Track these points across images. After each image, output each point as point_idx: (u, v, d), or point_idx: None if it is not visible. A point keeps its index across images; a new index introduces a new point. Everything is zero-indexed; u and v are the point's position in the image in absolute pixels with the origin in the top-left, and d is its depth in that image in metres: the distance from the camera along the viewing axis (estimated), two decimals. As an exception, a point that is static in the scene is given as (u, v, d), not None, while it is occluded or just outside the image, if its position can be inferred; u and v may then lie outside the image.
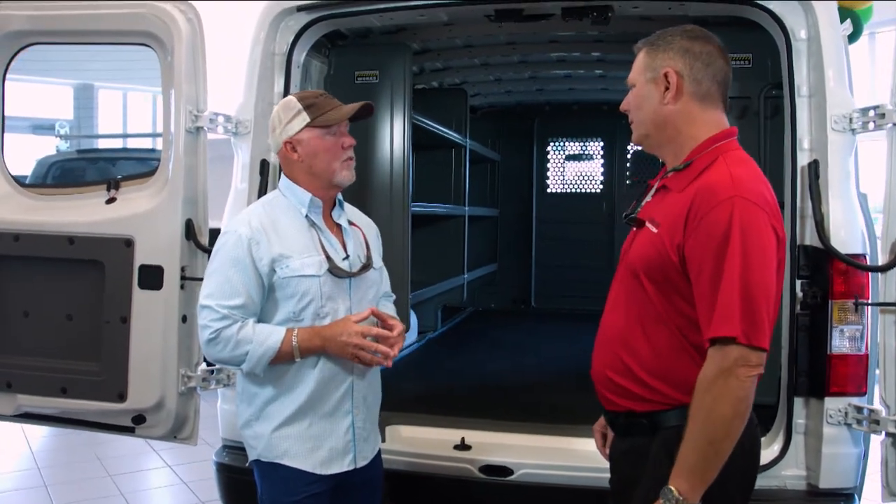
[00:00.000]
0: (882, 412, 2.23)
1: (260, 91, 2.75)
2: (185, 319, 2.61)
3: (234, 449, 2.75)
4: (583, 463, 2.45)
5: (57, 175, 6.87)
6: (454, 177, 4.93)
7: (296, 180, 2.06)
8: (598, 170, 6.39)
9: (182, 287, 2.59)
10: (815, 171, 2.34)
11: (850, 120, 2.30)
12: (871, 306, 2.31)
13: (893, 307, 2.22)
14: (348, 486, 2.05)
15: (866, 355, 2.33)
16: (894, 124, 2.20)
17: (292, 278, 1.96)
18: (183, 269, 2.59)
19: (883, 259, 2.26)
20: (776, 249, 1.58)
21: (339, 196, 2.13)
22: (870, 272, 2.31)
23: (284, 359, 1.95)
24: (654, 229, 1.66)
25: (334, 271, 1.99)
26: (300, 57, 2.82)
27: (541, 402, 3.17)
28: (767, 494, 2.42)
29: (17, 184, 2.78)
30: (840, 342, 2.32)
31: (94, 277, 2.63)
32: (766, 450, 2.44)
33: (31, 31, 2.76)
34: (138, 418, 2.64)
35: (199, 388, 2.67)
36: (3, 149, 2.80)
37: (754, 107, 2.79)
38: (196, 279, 2.64)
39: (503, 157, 6.29)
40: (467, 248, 5.05)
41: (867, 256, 2.34)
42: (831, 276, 2.31)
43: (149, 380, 2.59)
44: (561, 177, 6.50)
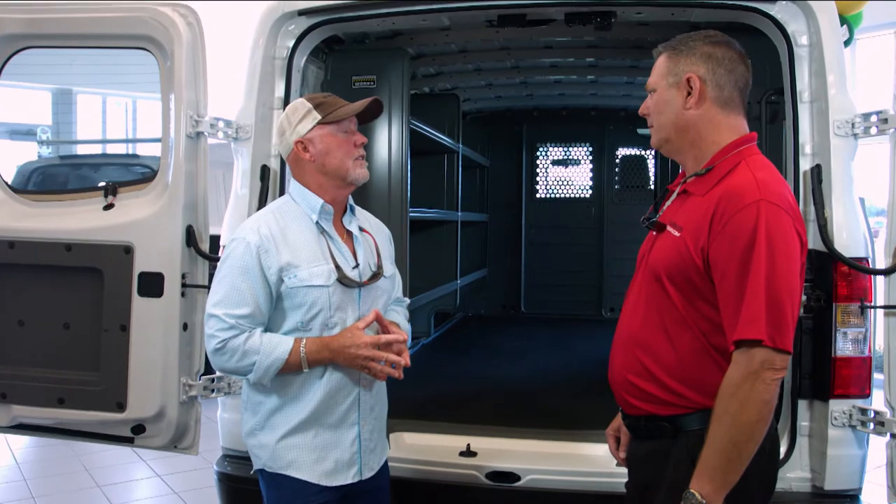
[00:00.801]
0: (887, 414, 2.25)
1: (260, 96, 2.72)
2: (185, 327, 2.58)
3: (235, 458, 2.71)
4: (590, 468, 2.46)
5: (39, 181, 6.73)
6: (447, 182, 4.92)
7: (307, 184, 2.02)
8: (586, 175, 6.42)
9: (183, 294, 2.56)
10: (818, 176, 2.37)
11: (853, 125, 2.33)
12: (873, 309, 2.34)
13: (897, 310, 2.24)
14: (355, 495, 2.02)
15: (869, 358, 2.36)
16: (897, 129, 2.23)
17: (300, 288, 1.93)
18: (184, 277, 2.56)
19: (885, 263, 2.29)
20: (800, 253, 1.59)
21: (351, 201, 2.10)
22: (872, 275, 2.34)
23: (292, 369, 1.92)
24: (677, 233, 1.66)
25: (343, 281, 1.96)
26: (300, 61, 2.80)
27: (543, 408, 3.16)
28: (773, 497, 2.43)
29: (12, 190, 2.72)
30: (844, 345, 2.34)
31: (92, 285, 2.58)
32: (771, 452, 2.46)
33: (25, 35, 2.71)
34: (138, 428, 2.60)
35: (200, 396, 2.63)
36: (-5, 155, 2.75)
37: (754, 112, 2.81)
38: (197, 286, 2.62)
39: (492, 162, 6.30)
40: (460, 254, 5.05)
41: (869, 260, 2.37)
42: (835, 279, 2.33)
43: (149, 389, 2.55)
44: (549, 182, 6.52)
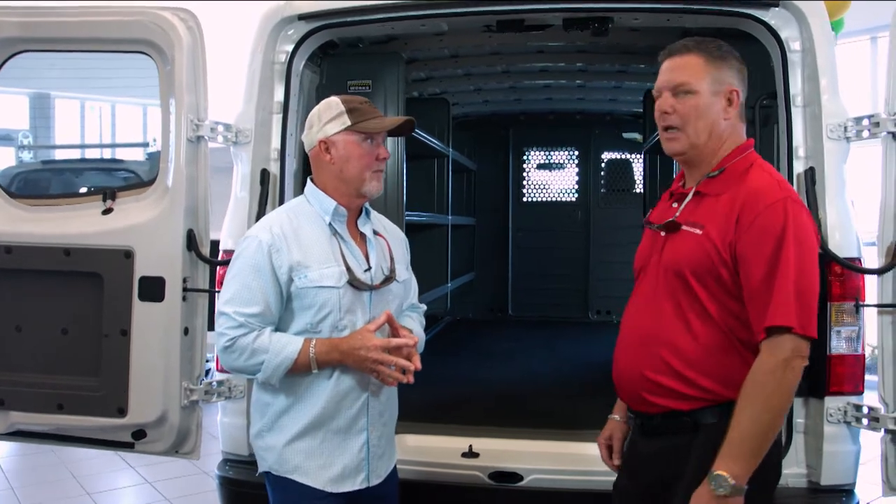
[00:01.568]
0: (881, 410, 2.31)
1: (260, 100, 2.72)
2: (186, 331, 2.57)
3: (236, 462, 2.71)
4: (592, 467, 2.47)
5: (21, 186, 6.65)
6: (437, 186, 4.94)
7: (323, 184, 2.03)
8: (572, 179, 6.48)
9: (184, 299, 2.54)
10: (812, 178, 2.42)
11: (845, 128, 2.39)
12: (866, 308, 2.40)
13: (891, 308, 2.30)
14: (362, 501, 2.02)
15: (863, 355, 2.42)
16: (889, 132, 2.29)
17: (310, 289, 1.94)
18: (185, 281, 2.55)
19: (878, 262, 2.35)
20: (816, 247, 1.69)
21: (367, 204, 2.10)
22: (865, 275, 2.40)
23: (301, 370, 1.93)
24: (698, 231, 1.73)
25: (354, 283, 1.97)
26: (300, 66, 2.81)
27: (540, 409, 3.19)
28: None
29: (8, 194, 2.70)
30: (838, 343, 2.40)
31: (92, 290, 2.56)
32: (767, 449, 2.51)
33: (21, 39, 2.68)
34: (139, 433, 2.58)
35: (201, 401, 2.62)
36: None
37: (748, 116, 2.86)
38: (198, 290, 2.61)
39: (479, 166, 6.33)
40: (450, 258, 5.07)
41: (862, 260, 2.43)
42: (829, 279, 2.39)
43: (150, 394, 2.53)
44: (536, 186, 6.57)
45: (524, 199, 6.52)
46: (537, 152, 6.53)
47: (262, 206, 2.69)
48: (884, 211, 2.32)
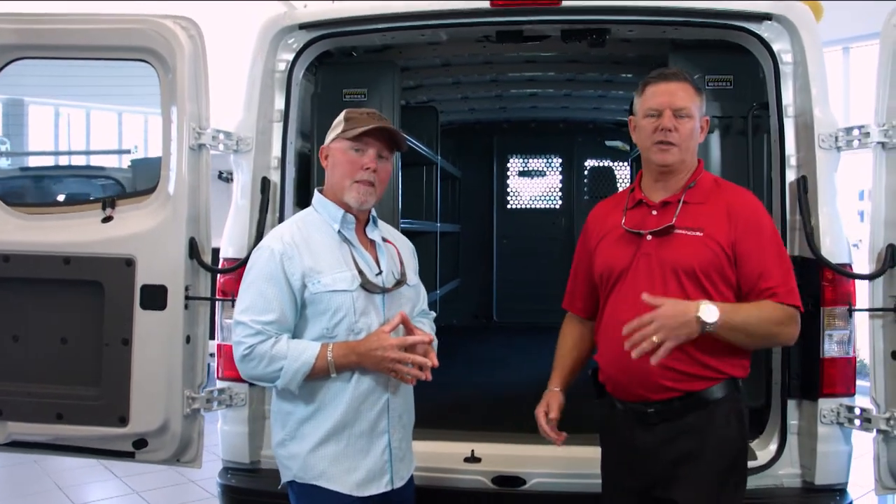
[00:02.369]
0: (873, 410, 2.38)
1: (261, 108, 2.74)
2: (188, 340, 2.57)
3: (237, 471, 2.71)
4: (595, 470, 2.51)
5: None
6: (426, 194, 4.97)
7: (327, 192, 2.10)
8: (556, 186, 6.55)
9: (186, 307, 2.54)
10: (804, 186, 2.50)
11: (836, 138, 2.47)
12: (857, 312, 2.47)
13: (881, 312, 2.38)
14: None
15: (854, 358, 2.49)
16: (878, 142, 2.37)
17: (324, 293, 1.96)
18: (187, 289, 2.55)
19: (869, 268, 2.43)
20: None
21: (374, 212, 2.14)
22: (855, 280, 2.47)
23: (320, 374, 1.95)
24: (699, 234, 1.99)
25: (367, 286, 2.00)
26: (300, 74, 2.82)
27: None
28: (765, 493, 2.53)
29: (5, 203, 2.68)
30: (830, 346, 2.47)
31: (92, 298, 2.55)
32: (763, 450, 2.57)
33: (18, 46, 2.66)
34: (140, 442, 2.57)
35: (202, 409, 2.62)
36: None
37: (736, 126, 2.94)
38: (199, 299, 2.61)
39: (464, 173, 6.37)
40: (438, 264, 5.09)
41: (852, 265, 2.50)
42: (822, 284, 2.46)
43: (152, 403, 2.52)
44: (520, 193, 6.63)
45: (508, 207, 6.57)
46: (521, 160, 6.59)
47: (262, 215, 2.70)
48: (875, 218, 2.39)
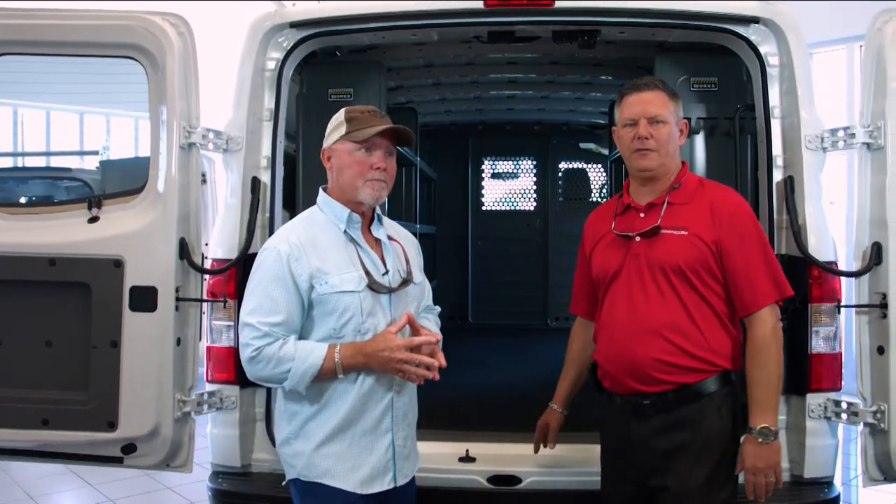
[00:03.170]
0: (860, 405, 2.44)
1: (251, 107, 2.70)
2: (179, 342, 2.52)
3: (228, 475, 2.67)
4: (589, 468, 2.53)
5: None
6: (405, 195, 4.96)
7: (332, 192, 2.08)
8: (530, 188, 6.59)
9: (177, 308, 2.50)
10: (791, 186, 2.55)
11: (822, 139, 2.53)
12: (844, 308, 2.53)
13: (867, 309, 2.44)
14: (390, 501, 2.04)
15: (840, 353, 2.55)
16: (863, 143, 2.44)
17: (332, 294, 1.95)
18: (177, 290, 2.50)
19: (854, 266, 2.49)
20: None
21: (378, 211, 2.13)
22: (841, 277, 2.54)
23: (327, 375, 1.94)
24: (684, 232, 2.07)
25: (373, 286, 1.99)
26: (289, 73, 2.80)
27: (531, 412, 3.22)
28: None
29: (-14, 203, 2.60)
30: (817, 342, 2.53)
31: (79, 300, 2.49)
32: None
33: (6, 41, 2.59)
34: (129, 447, 2.51)
35: (193, 413, 2.57)
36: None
37: (721, 127, 3.00)
38: (190, 300, 2.57)
39: (439, 174, 6.38)
40: None
41: (837, 263, 2.56)
42: (808, 282, 2.51)
43: (142, 407, 2.47)
44: (495, 195, 6.66)
45: (483, 208, 6.60)
46: (496, 162, 6.62)
47: (252, 214, 2.67)
48: (860, 217, 2.46)
